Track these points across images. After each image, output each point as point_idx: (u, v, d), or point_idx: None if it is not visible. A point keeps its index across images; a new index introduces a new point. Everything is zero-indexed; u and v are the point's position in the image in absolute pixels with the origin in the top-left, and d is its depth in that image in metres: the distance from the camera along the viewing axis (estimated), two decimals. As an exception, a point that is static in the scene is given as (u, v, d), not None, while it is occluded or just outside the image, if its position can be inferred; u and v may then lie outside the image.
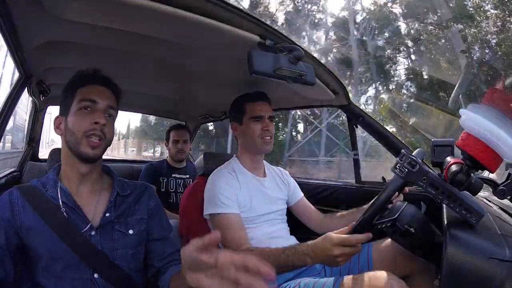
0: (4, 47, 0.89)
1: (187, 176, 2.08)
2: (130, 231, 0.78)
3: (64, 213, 0.71)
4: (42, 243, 0.69)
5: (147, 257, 0.82)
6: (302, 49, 0.94)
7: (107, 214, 0.76)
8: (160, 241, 0.82)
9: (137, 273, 0.79)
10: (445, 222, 0.66)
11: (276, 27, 0.85)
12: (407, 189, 0.99)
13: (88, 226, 0.73)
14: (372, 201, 0.77)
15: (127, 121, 33.50)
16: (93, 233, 0.73)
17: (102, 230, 0.74)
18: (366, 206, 0.84)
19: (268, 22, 0.85)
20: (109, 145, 0.78)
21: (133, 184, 0.86)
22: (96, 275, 0.71)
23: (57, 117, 0.79)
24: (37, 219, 0.69)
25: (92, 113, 0.74)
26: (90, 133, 0.72)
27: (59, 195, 0.73)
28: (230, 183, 1.08)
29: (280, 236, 1.14)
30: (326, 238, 0.76)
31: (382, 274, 0.79)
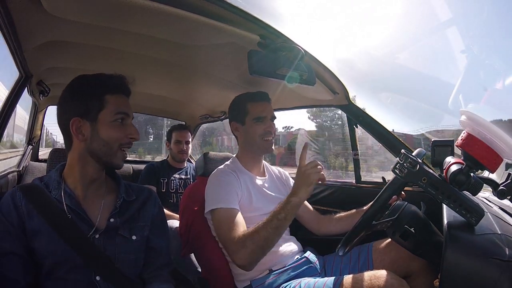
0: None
1: (188, 176, 2.08)
2: (134, 237, 0.78)
3: (69, 216, 0.71)
4: (47, 246, 0.68)
5: None
6: (302, 49, 0.94)
7: (112, 220, 0.76)
8: (155, 250, 0.82)
9: (137, 277, 0.80)
10: (445, 222, 0.66)
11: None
12: (403, 193, 0.99)
13: (93, 229, 0.73)
14: (373, 201, 0.77)
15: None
16: (97, 236, 0.73)
17: (106, 234, 0.74)
18: (365, 207, 0.84)
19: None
20: None
21: (137, 188, 0.86)
22: (98, 278, 0.71)
23: (74, 119, 0.72)
24: (41, 222, 0.69)
25: (124, 126, 0.76)
26: (125, 146, 0.77)
27: (63, 197, 0.73)
28: (231, 182, 1.08)
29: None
30: (296, 173, 0.94)
31: (382, 273, 0.79)
